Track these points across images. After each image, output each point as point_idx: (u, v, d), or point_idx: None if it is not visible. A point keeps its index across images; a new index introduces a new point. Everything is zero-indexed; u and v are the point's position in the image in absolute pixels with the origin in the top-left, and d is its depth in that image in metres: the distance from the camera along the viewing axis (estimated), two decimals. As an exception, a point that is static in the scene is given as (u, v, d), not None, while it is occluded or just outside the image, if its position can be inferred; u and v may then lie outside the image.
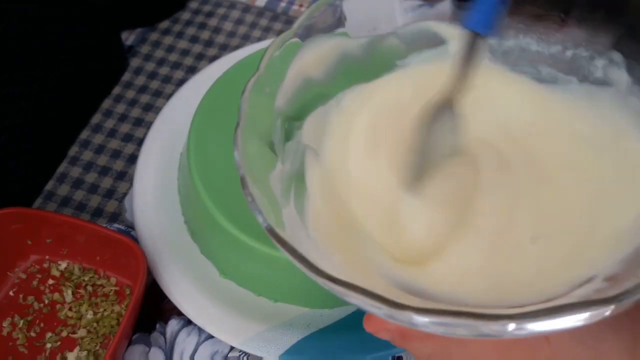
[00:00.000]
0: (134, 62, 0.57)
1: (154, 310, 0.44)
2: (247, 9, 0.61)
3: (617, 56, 0.36)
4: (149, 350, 0.42)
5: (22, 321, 0.42)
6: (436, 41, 0.37)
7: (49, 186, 0.50)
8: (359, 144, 0.35)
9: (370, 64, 0.36)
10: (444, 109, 0.33)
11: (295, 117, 0.34)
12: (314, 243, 0.31)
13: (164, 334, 0.43)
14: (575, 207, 0.33)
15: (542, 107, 0.37)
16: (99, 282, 0.44)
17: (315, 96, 0.35)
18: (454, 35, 0.36)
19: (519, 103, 0.37)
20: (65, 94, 0.50)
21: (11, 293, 0.44)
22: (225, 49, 0.58)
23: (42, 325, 0.43)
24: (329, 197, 0.33)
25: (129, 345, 0.42)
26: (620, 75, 0.36)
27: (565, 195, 0.33)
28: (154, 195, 0.46)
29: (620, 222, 0.32)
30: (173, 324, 0.43)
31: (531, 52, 0.37)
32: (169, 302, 0.43)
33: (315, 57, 0.34)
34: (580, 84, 0.37)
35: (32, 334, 0.42)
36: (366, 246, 0.32)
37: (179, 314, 0.43)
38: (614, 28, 0.35)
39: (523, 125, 0.36)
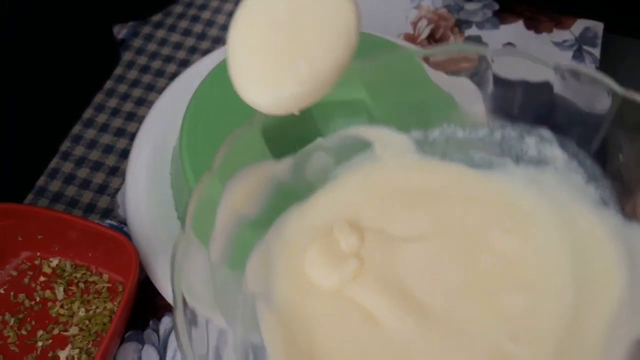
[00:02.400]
0: (126, 56, 0.57)
1: (147, 307, 0.43)
2: (240, 1, 0.60)
3: (546, 132, 0.35)
4: (142, 348, 0.42)
5: (12, 319, 0.42)
6: (361, 145, 0.36)
7: (40, 182, 0.49)
8: (317, 277, 0.32)
9: (301, 182, 0.34)
10: None
11: (233, 266, 0.31)
12: None
13: (157, 331, 0.42)
14: (550, 306, 0.31)
15: (480, 190, 0.35)
16: (91, 279, 0.43)
17: (251, 234, 0.32)
18: (379, 137, 0.36)
19: (453, 188, 0.35)
20: (57, 88, 0.49)
21: (2, 290, 0.43)
22: (218, 42, 0.57)
23: (33, 323, 0.42)
24: (294, 352, 0.30)
25: (121, 343, 0.42)
26: (554, 152, 0.35)
27: (534, 293, 0.32)
28: (146, 190, 0.46)
29: (602, 314, 0.30)
30: (166, 321, 0.42)
31: (458, 139, 0.36)
32: (162, 298, 0.42)
33: (244, 192, 0.32)
34: (517, 165, 0.36)
35: (23, 332, 0.41)
36: None
37: (172, 310, 0.43)
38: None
39: (460, 214, 0.35)
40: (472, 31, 0.58)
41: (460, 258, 0.33)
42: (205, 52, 0.57)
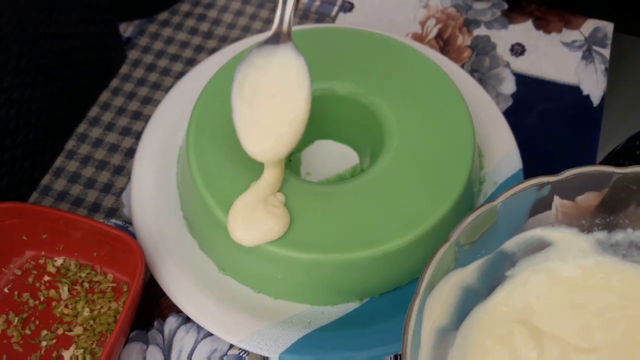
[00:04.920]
0: (132, 55, 0.56)
1: (152, 307, 0.43)
2: (247, 0, 0.60)
3: None
4: (147, 348, 0.41)
5: (17, 318, 0.41)
6: (541, 245, 0.36)
7: (45, 180, 0.49)
8: None
9: (482, 283, 0.35)
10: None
11: None
12: None
13: (162, 331, 0.42)
14: None
15: None
16: (95, 279, 0.43)
17: (444, 341, 0.33)
18: (561, 238, 0.36)
19: (633, 292, 0.36)
20: (63, 86, 0.49)
21: (6, 290, 0.43)
22: (224, 40, 0.57)
23: (37, 322, 0.42)
24: None
25: (126, 343, 0.41)
26: None
27: None
28: (152, 190, 0.45)
29: None
30: (171, 321, 0.42)
31: None
32: (167, 299, 0.42)
33: (439, 304, 0.33)
34: None
35: (27, 332, 0.41)
36: None
37: (177, 311, 0.42)
38: None
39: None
40: (481, 31, 0.57)
41: None
42: (212, 50, 0.56)
